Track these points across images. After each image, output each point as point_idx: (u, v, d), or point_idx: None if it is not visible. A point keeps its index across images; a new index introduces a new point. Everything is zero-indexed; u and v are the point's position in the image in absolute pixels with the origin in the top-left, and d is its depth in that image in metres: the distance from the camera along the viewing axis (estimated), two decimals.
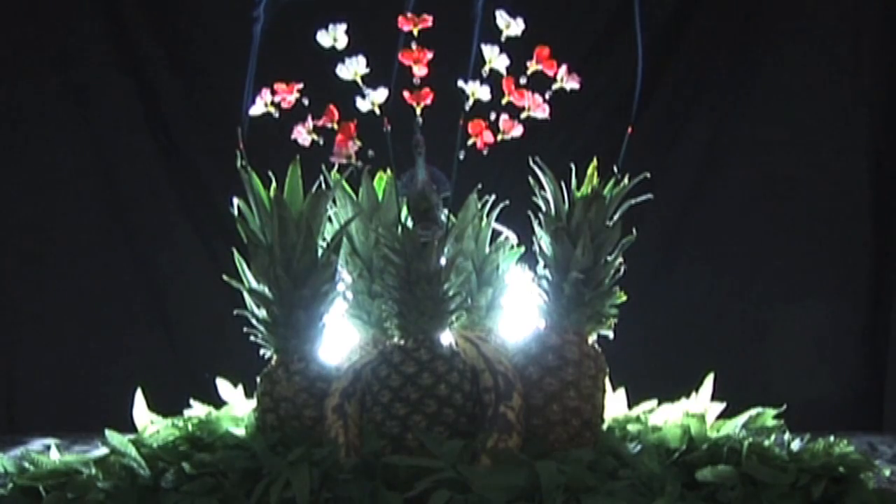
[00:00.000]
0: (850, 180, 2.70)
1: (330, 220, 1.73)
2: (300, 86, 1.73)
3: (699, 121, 2.72)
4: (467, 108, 1.67)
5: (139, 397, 1.83)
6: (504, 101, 1.69)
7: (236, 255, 1.70)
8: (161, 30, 2.70)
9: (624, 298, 1.68)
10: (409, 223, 1.65)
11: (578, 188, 1.67)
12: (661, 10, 2.66)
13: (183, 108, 2.71)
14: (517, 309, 1.83)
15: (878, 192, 2.71)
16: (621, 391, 1.89)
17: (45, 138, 2.69)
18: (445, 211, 1.67)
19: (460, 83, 1.67)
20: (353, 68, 1.68)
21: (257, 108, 1.74)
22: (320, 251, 1.67)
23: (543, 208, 1.67)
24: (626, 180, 1.66)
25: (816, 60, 2.69)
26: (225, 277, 1.70)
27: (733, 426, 1.74)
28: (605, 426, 1.68)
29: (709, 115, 2.72)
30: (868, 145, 2.70)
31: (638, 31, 1.78)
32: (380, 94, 1.67)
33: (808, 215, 2.70)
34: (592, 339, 1.68)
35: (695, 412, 1.79)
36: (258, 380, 1.69)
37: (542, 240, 1.67)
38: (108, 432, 1.76)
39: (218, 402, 1.89)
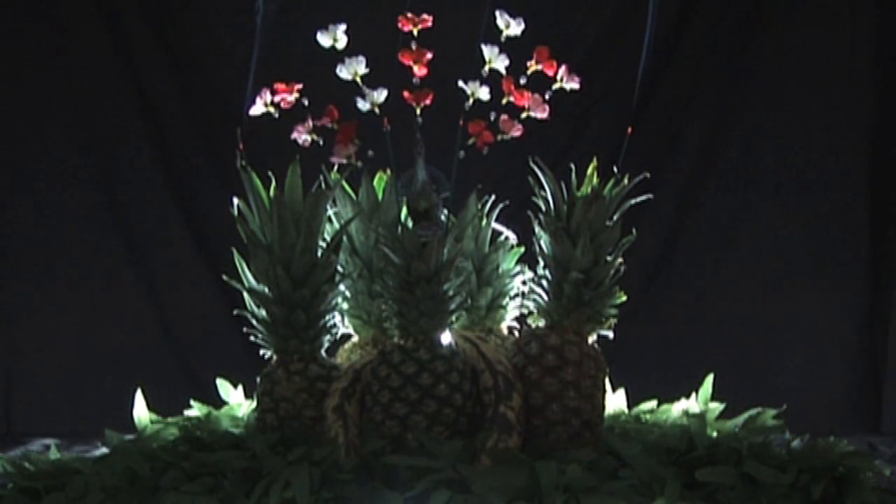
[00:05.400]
0: (850, 181, 2.71)
1: (330, 220, 1.73)
2: (300, 86, 1.73)
3: (699, 121, 2.72)
4: (467, 107, 1.68)
5: (139, 397, 1.83)
6: (504, 101, 1.69)
7: (236, 255, 1.70)
8: (159, 30, 2.70)
9: (624, 298, 1.68)
10: (409, 223, 1.65)
11: (578, 188, 1.67)
12: (661, 12, 2.66)
13: (181, 109, 2.71)
14: (517, 309, 1.83)
15: (877, 194, 2.71)
16: (621, 391, 1.90)
17: (43, 140, 2.69)
18: (445, 211, 1.67)
19: (460, 83, 1.68)
20: (353, 68, 1.69)
21: (257, 109, 1.74)
22: (320, 251, 1.67)
23: (543, 208, 1.67)
24: (625, 180, 1.66)
25: (815, 61, 2.70)
26: (225, 277, 1.70)
27: (733, 426, 1.74)
28: (605, 426, 1.68)
29: (708, 115, 2.72)
30: (867, 146, 2.70)
31: (647, 31, 1.79)
32: (380, 94, 1.68)
33: (808, 216, 2.71)
34: (592, 339, 1.68)
35: (695, 412, 1.80)
36: (258, 380, 1.69)
37: (542, 240, 1.67)
38: (108, 432, 1.77)
39: (218, 402, 1.89)
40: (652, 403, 1.86)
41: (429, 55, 1.68)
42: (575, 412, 1.60)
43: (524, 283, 1.79)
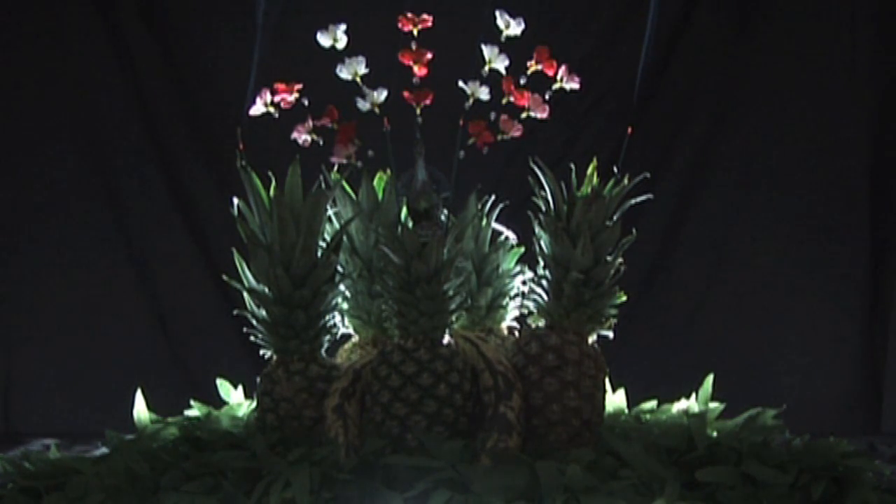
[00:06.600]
0: (849, 182, 2.71)
1: (330, 220, 1.73)
2: (300, 86, 1.73)
3: (699, 121, 2.72)
4: (467, 107, 1.68)
5: (139, 397, 1.83)
6: (504, 101, 1.69)
7: (236, 255, 1.69)
8: (159, 30, 2.70)
9: (624, 298, 1.68)
10: (409, 223, 1.65)
11: (578, 188, 1.67)
12: (661, 12, 2.66)
13: (181, 109, 2.71)
14: (517, 309, 1.83)
15: (876, 194, 2.71)
16: (621, 391, 1.89)
17: (43, 141, 2.69)
18: (445, 211, 1.67)
19: (460, 83, 1.68)
20: (353, 68, 1.69)
21: (257, 109, 1.74)
22: (320, 251, 1.67)
23: (543, 208, 1.67)
24: (625, 180, 1.66)
25: (815, 61, 2.70)
26: (225, 277, 1.70)
27: (733, 426, 1.74)
28: (605, 426, 1.68)
29: (708, 115, 2.72)
30: (867, 146, 2.70)
31: (647, 31, 1.79)
32: (380, 94, 1.68)
33: (807, 216, 2.71)
34: (592, 339, 1.68)
35: (695, 412, 1.80)
36: (258, 380, 1.69)
37: (542, 240, 1.67)
38: (108, 432, 1.77)
39: (218, 402, 1.89)
40: (652, 403, 1.86)
41: (429, 55, 1.68)
42: (575, 412, 1.60)
43: (524, 283, 1.79)
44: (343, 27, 1.70)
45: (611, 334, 1.70)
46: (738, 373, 2.59)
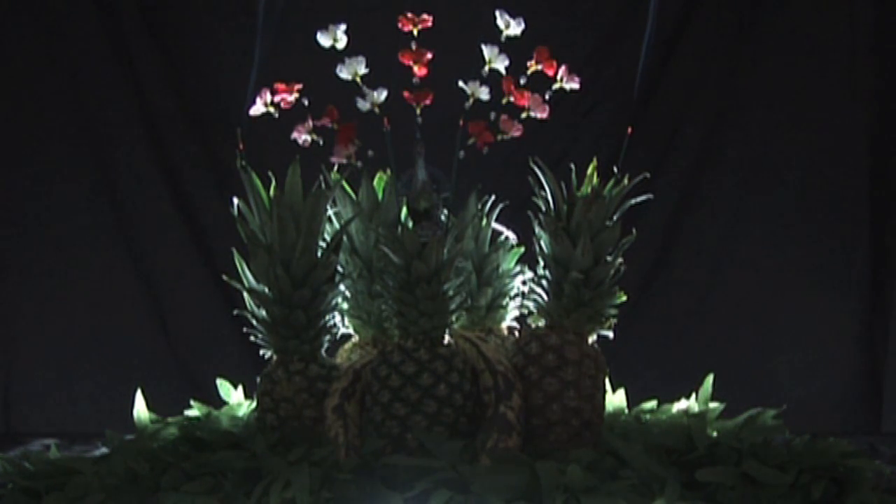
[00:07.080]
0: (849, 181, 2.71)
1: (330, 220, 1.73)
2: (300, 86, 1.73)
3: (699, 121, 2.73)
4: (467, 107, 1.68)
5: (139, 397, 1.83)
6: (504, 101, 1.69)
7: (236, 255, 1.69)
8: (158, 30, 2.70)
9: (624, 298, 1.68)
10: (409, 223, 1.65)
11: (578, 188, 1.67)
12: (661, 12, 2.66)
13: (181, 109, 2.71)
14: (517, 309, 1.83)
15: (877, 194, 2.71)
16: (621, 391, 1.90)
17: (43, 141, 2.69)
18: (445, 211, 1.67)
19: (460, 83, 1.68)
20: (353, 68, 1.69)
21: (257, 109, 1.74)
22: (320, 251, 1.67)
23: (543, 208, 1.67)
24: (626, 180, 1.66)
25: (814, 61, 2.70)
26: (225, 277, 1.70)
27: (733, 426, 1.74)
28: (605, 426, 1.68)
29: (708, 115, 2.72)
30: (867, 146, 2.71)
31: (647, 31, 1.79)
32: (380, 94, 1.68)
33: (807, 216, 2.71)
34: (592, 339, 1.68)
35: (695, 412, 1.80)
36: (258, 380, 1.69)
37: (542, 240, 1.67)
38: (108, 432, 1.77)
39: (218, 402, 1.89)
40: (652, 403, 1.86)
41: (429, 55, 1.68)
42: (575, 412, 1.60)
43: (524, 283, 1.79)
44: (343, 27, 1.70)
45: (611, 334, 1.70)
46: (738, 373, 2.59)
